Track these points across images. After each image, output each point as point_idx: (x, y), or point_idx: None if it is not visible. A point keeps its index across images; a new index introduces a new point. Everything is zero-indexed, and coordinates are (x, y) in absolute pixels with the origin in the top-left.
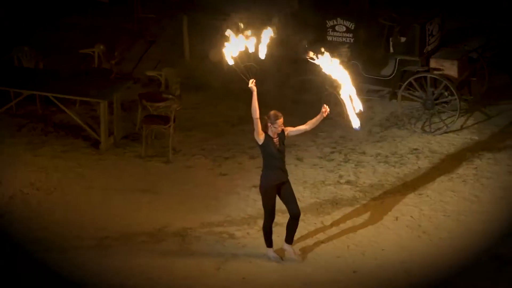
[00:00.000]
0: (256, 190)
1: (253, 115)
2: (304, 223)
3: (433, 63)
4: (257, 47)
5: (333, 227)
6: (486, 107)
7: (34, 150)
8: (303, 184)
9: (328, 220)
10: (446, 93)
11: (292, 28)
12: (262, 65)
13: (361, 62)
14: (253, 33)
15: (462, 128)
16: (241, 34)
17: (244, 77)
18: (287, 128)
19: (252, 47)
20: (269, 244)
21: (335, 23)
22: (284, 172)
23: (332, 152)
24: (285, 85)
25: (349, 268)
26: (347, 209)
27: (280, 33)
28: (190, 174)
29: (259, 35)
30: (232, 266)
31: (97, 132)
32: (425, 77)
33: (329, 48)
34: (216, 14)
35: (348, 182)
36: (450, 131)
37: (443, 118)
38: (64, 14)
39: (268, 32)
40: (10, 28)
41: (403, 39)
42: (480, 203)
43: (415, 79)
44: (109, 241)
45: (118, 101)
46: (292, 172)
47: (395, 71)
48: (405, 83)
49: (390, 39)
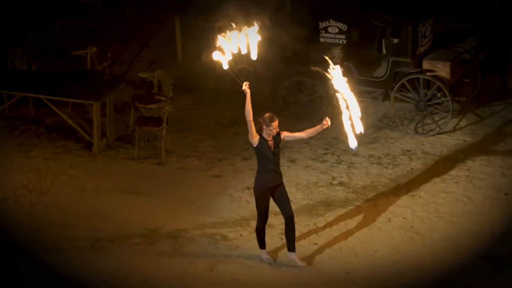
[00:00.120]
0: (249, 192)
1: (247, 118)
2: (297, 225)
3: (426, 65)
4: (249, 48)
5: (326, 229)
6: (479, 108)
7: (27, 152)
8: (296, 186)
9: (321, 222)
10: (439, 95)
11: (285, 29)
12: (255, 66)
13: (354, 64)
14: (244, 32)
15: (455, 129)
16: (234, 31)
17: (238, 80)
18: (284, 132)
19: (245, 49)
20: (262, 246)
21: (328, 25)
22: (279, 175)
23: (325, 154)
24: (277, 86)
25: (342, 270)
26: (340, 211)
27: (272, 34)
28: (183, 176)
29: (249, 34)
30: (225, 268)
31: (90, 134)
32: (418, 79)
33: (322, 50)
34: (208, 16)
35: (341, 184)
36: (443, 132)
37: (436, 120)
38: (57, 16)
39: (255, 29)
40: (3, 30)
41: (396, 41)
42: (473, 204)
43: (408, 81)
44: (102, 243)
45: (111, 103)
46: (285, 174)
47: (388, 73)
48: (398, 85)
49: (383, 41)
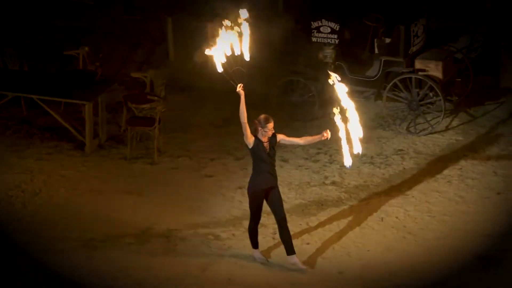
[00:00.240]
0: (241, 192)
1: (241, 119)
2: (290, 224)
3: (418, 64)
4: (242, 49)
5: (319, 228)
6: (471, 108)
7: (19, 152)
8: (288, 185)
9: (314, 221)
10: (431, 94)
11: (278, 29)
12: (248, 66)
13: (346, 63)
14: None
15: (447, 129)
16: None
17: (232, 82)
18: (280, 135)
19: (238, 50)
20: (255, 246)
21: (320, 24)
22: (273, 177)
23: (318, 153)
24: (270, 86)
25: (335, 269)
26: (333, 210)
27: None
28: (175, 176)
29: (241, 33)
30: (218, 267)
31: (82, 134)
32: (410, 78)
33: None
34: (200, 16)
35: (333, 183)
36: (435, 132)
37: (428, 119)
38: (49, 16)
39: (246, 27)
40: None
41: (388, 40)
42: (465, 204)
43: (400, 80)
44: (95, 243)
45: (103, 103)
46: (278, 173)
47: (380, 72)
48: (390, 84)
49: (375, 40)
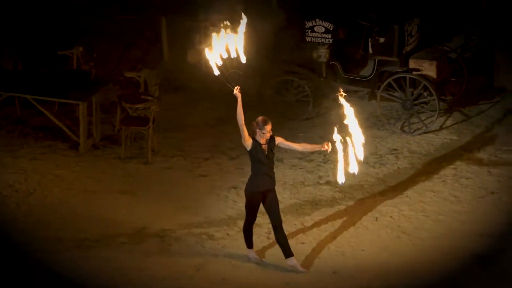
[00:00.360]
0: (236, 191)
1: (239, 122)
2: (284, 224)
3: (412, 64)
4: (237, 51)
5: (313, 228)
6: (465, 108)
7: (13, 152)
8: (283, 185)
9: (308, 221)
10: (425, 94)
11: (272, 29)
12: (242, 66)
13: (340, 63)
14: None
15: (441, 128)
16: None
17: (229, 85)
18: (279, 138)
19: (233, 52)
20: (249, 245)
21: (314, 24)
22: (272, 179)
23: (312, 153)
24: (264, 86)
25: (329, 269)
26: (327, 210)
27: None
28: (170, 175)
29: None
30: (212, 267)
31: (76, 134)
32: (404, 78)
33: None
34: (194, 16)
35: (328, 183)
36: (429, 131)
37: (422, 119)
38: (43, 16)
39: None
40: None
41: (382, 40)
42: (460, 203)
43: (394, 80)
44: (89, 243)
45: (97, 103)
46: None
47: (374, 72)
48: (384, 84)
49: (369, 40)
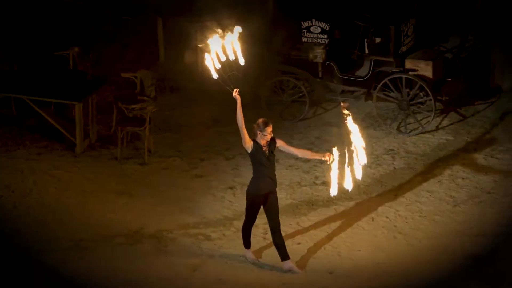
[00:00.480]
0: (232, 192)
1: (239, 124)
2: (281, 225)
3: (408, 64)
4: (236, 54)
5: (309, 228)
6: (461, 108)
7: (9, 153)
8: (279, 186)
9: (304, 221)
10: (421, 94)
11: (268, 30)
12: (240, 67)
13: (336, 63)
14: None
15: (438, 129)
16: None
17: (228, 88)
18: (280, 141)
19: (232, 55)
20: (247, 246)
21: (310, 24)
22: (273, 181)
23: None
24: (260, 86)
25: (325, 269)
26: (323, 210)
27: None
28: (166, 176)
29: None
30: (208, 267)
31: (73, 134)
32: (400, 78)
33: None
34: (191, 17)
35: (324, 183)
36: (426, 132)
37: (419, 119)
38: (39, 16)
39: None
40: None
41: (378, 40)
42: (456, 203)
43: (390, 80)
44: (85, 243)
45: (94, 103)
46: None
47: (370, 72)
48: (380, 84)
49: (365, 40)
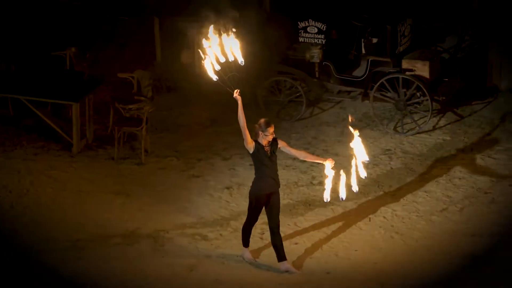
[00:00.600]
0: (229, 192)
1: (240, 124)
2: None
3: (405, 64)
4: (234, 54)
5: (306, 228)
6: (458, 108)
7: (6, 153)
8: None
9: (301, 221)
10: (418, 94)
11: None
12: (238, 67)
13: (333, 63)
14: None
15: (434, 129)
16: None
17: (229, 89)
18: (282, 142)
19: (231, 55)
20: (246, 244)
21: (307, 24)
22: (276, 182)
23: None
24: (257, 86)
25: (323, 269)
26: (320, 210)
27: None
28: (163, 176)
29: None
30: (205, 267)
31: (69, 135)
32: (397, 78)
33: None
34: (188, 17)
35: (321, 183)
36: (423, 132)
37: (416, 119)
38: (36, 16)
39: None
40: None
41: (375, 40)
42: (453, 203)
43: (387, 80)
44: (83, 243)
45: (90, 103)
46: None
47: (367, 72)
48: (377, 84)
49: (362, 40)
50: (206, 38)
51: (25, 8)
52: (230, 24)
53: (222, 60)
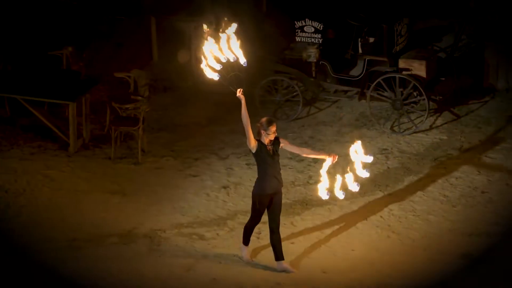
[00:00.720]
0: (226, 191)
1: (244, 124)
2: None
3: (402, 63)
4: (235, 54)
5: (303, 228)
6: (455, 107)
7: (3, 153)
8: None
9: (298, 221)
10: (415, 93)
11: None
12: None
13: (330, 63)
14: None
15: (431, 128)
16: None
17: (232, 88)
18: (285, 141)
19: (232, 56)
20: (246, 242)
21: (304, 24)
22: (279, 181)
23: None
24: (254, 85)
25: (319, 268)
26: (317, 210)
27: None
28: (160, 176)
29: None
30: (202, 267)
31: (66, 134)
32: (394, 77)
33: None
34: (185, 16)
35: (318, 183)
36: (419, 131)
37: (412, 118)
38: (32, 16)
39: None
40: None
41: (372, 40)
42: (449, 203)
43: (384, 79)
44: (79, 243)
45: (87, 103)
46: None
47: (364, 72)
48: (374, 83)
49: (359, 40)
50: (205, 39)
51: (22, 8)
52: (228, 23)
53: (224, 60)
